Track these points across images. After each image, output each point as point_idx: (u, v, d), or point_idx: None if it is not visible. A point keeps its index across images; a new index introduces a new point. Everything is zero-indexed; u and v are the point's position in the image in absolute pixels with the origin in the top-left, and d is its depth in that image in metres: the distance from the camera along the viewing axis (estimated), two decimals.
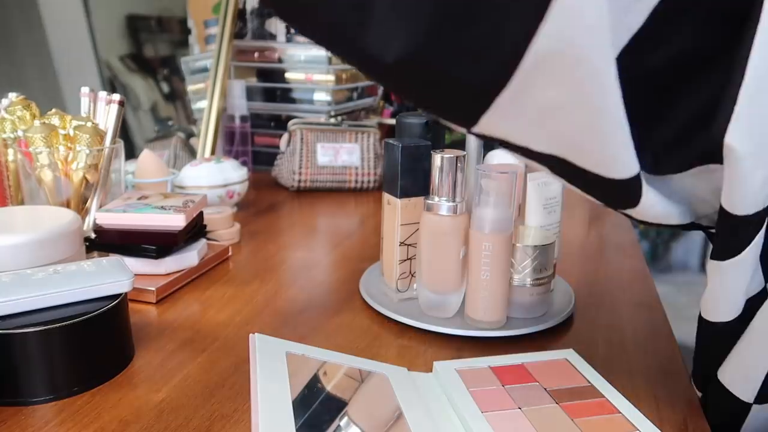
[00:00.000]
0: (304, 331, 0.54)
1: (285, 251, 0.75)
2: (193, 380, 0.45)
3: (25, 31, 0.89)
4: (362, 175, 1.05)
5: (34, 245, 0.49)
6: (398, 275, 0.57)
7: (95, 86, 0.99)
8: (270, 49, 1.20)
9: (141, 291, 0.58)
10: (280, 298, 0.61)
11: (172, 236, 0.61)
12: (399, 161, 0.54)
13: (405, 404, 0.39)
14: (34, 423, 0.40)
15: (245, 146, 1.12)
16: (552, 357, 0.48)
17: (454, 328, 0.52)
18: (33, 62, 0.91)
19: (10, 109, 0.67)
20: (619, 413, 0.40)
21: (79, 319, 0.42)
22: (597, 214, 0.96)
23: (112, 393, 0.43)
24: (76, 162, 0.64)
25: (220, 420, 0.40)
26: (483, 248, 0.50)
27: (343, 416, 0.36)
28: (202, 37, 1.22)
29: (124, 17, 1.11)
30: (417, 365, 0.48)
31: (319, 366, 0.41)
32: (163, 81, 1.20)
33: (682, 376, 0.47)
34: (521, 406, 0.40)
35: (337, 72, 1.19)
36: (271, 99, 1.21)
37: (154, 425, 0.40)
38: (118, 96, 0.68)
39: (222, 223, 0.75)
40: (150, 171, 0.80)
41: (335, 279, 0.67)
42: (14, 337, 0.41)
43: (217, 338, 0.52)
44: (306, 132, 1.05)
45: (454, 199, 0.51)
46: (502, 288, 0.51)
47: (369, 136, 1.07)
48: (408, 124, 0.57)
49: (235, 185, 0.86)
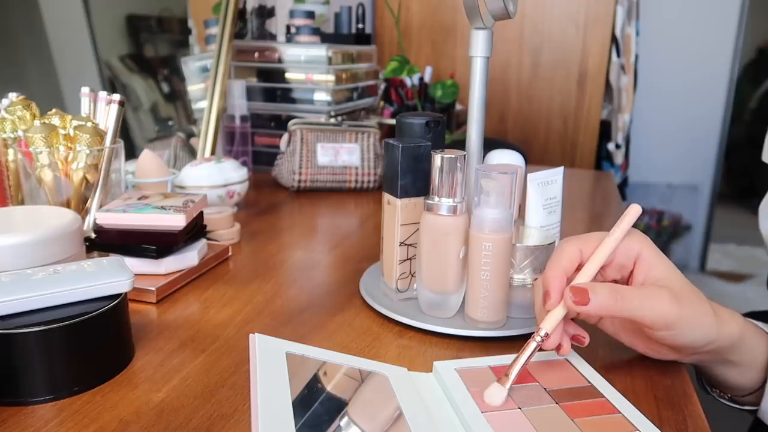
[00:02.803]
0: (304, 331, 0.54)
1: (285, 251, 0.75)
2: (193, 380, 0.45)
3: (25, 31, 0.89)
4: (362, 175, 1.05)
5: (35, 245, 0.49)
6: (398, 275, 0.57)
7: (95, 86, 0.99)
8: (270, 49, 1.20)
9: (141, 291, 0.58)
10: (280, 298, 0.61)
11: (172, 236, 0.61)
12: (399, 161, 0.54)
13: (405, 404, 0.39)
14: (34, 423, 0.40)
15: (245, 146, 1.12)
16: (552, 357, 0.48)
17: (454, 328, 0.52)
18: (33, 62, 0.91)
19: (10, 109, 0.67)
20: (619, 413, 0.40)
21: (79, 319, 0.42)
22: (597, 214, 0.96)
23: (112, 393, 0.43)
24: (77, 162, 0.64)
25: (220, 420, 0.40)
26: (483, 248, 0.50)
27: (343, 416, 0.36)
28: (202, 37, 1.22)
29: (124, 17, 1.11)
30: (417, 365, 0.48)
31: (319, 366, 0.41)
32: (163, 81, 1.20)
33: (682, 376, 0.47)
34: (521, 406, 0.40)
35: (337, 72, 1.19)
36: (271, 99, 1.21)
37: (154, 425, 0.40)
38: (119, 96, 0.68)
39: (222, 223, 0.75)
40: (150, 171, 0.80)
41: (335, 279, 0.67)
42: (14, 337, 0.41)
43: (217, 338, 0.52)
44: (306, 132, 1.05)
45: (454, 199, 0.51)
46: (502, 288, 0.51)
47: (369, 136, 1.07)
48: (408, 124, 0.57)
49: (235, 185, 0.86)
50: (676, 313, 0.41)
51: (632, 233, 0.45)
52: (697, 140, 2.56)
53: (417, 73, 1.50)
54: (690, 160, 2.58)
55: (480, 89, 0.56)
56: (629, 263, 0.45)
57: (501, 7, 0.52)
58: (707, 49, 2.47)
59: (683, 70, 2.48)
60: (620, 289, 0.42)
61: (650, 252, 0.44)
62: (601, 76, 1.99)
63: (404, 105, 1.52)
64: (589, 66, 1.99)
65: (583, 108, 2.03)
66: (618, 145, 2.07)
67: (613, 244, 0.44)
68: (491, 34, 0.55)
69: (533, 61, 2.04)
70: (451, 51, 2.11)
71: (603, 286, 0.42)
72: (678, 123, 2.53)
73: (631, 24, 2.03)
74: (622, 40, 1.97)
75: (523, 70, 2.06)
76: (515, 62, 2.06)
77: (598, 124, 2.03)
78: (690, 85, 2.50)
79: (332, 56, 1.19)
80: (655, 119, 2.52)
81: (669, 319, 0.41)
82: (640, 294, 0.42)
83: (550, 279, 0.44)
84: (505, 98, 2.09)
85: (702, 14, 2.44)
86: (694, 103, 2.51)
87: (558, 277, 0.43)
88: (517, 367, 0.41)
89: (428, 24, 2.11)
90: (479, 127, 0.57)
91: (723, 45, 2.47)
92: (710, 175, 2.59)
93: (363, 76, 1.32)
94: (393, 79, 1.52)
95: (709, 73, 2.49)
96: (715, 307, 0.44)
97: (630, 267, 0.45)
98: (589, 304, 0.41)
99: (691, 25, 2.45)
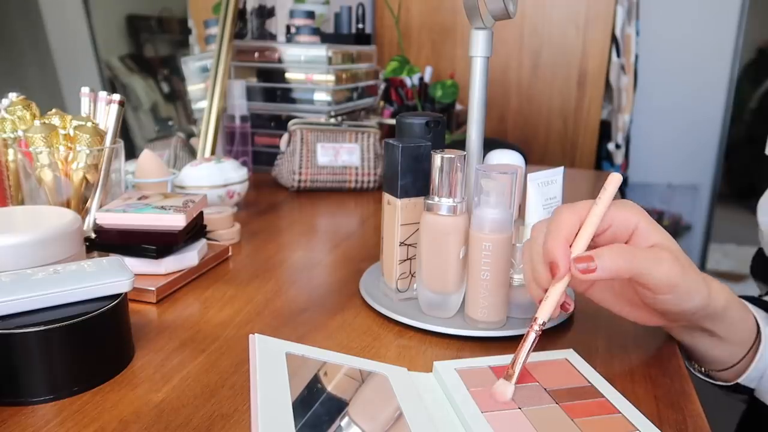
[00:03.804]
0: (304, 331, 0.54)
1: (285, 251, 0.75)
2: (193, 380, 0.45)
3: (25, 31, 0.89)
4: (362, 175, 1.05)
5: (35, 245, 0.49)
6: (398, 275, 0.57)
7: (95, 86, 0.99)
8: (270, 49, 1.20)
9: (141, 291, 0.58)
10: (280, 298, 0.61)
11: (172, 236, 0.61)
12: (399, 161, 0.54)
13: (405, 404, 0.39)
14: (34, 423, 0.40)
15: (245, 146, 1.12)
16: (552, 357, 0.48)
17: (454, 328, 0.52)
18: (33, 62, 0.91)
19: (10, 109, 0.67)
20: (619, 413, 0.40)
21: (79, 319, 0.42)
22: None
23: (112, 393, 0.43)
24: (77, 162, 0.64)
25: (220, 420, 0.40)
26: (483, 248, 0.50)
27: (343, 416, 0.36)
28: (202, 37, 1.22)
29: (124, 17, 1.11)
30: (417, 365, 0.48)
31: (319, 366, 0.41)
32: (163, 81, 1.20)
33: (682, 376, 0.47)
34: (521, 406, 0.40)
35: (337, 72, 1.19)
36: (271, 99, 1.21)
37: (154, 425, 0.40)
38: (119, 96, 0.68)
39: (222, 223, 0.75)
40: (150, 171, 0.80)
41: (335, 279, 0.67)
42: (14, 337, 0.41)
43: (217, 338, 0.52)
44: (306, 132, 1.05)
45: (454, 199, 0.51)
46: (502, 288, 0.51)
47: (369, 136, 1.07)
48: (408, 124, 0.57)
49: (235, 185, 0.86)
50: (680, 275, 0.41)
51: (627, 204, 0.45)
52: (697, 140, 2.56)
53: (417, 73, 1.50)
54: (690, 160, 2.57)
55: (480, 89, 0.56)
56: (625, 234, 0.44)
57: (501, 8, 0.52)
58: (707, 49, 2.46)
59: (683, 70, 2.48)
60: (628, 248, 0.42)
61: (646, 223, 0.44)
62: (601, 76, 1.99)
63: (404, 105, 1.52)
64: (589, 66, 1.99)
65: (583, 108, 2.03)
66: (618, 145, 2.07)
67: (600, 213, 0.43)
68: (491, 34, 0.55)
69: (533, 61, 2.04)
70: (451, 51, 2.11)
71: (607, 249, 0.41)
72: (678, 123, 2.53)
73: (631, 24, 2.03)
74: (622, 40, 1.97)
75: (523, 70, 2.06)
76: (515, 62, 2.06)
77: (598, 124, 2.03)
78: (690, 85, 2.50)
79: (332, 56, 1.19)
80: (655, 119, 2.52)
81: (674, 280, 0.41)
82: (647, 253, 0.42)
83: (553, 250, 0.42)
84: (505, 98, 2.09)
85: (702, 14, 2.44)
86: (694, 104, 2.51)
87: (562, 246, 0.42)
88: (520, 361, 0.42)
89: (428, 24, 2.11)
90: (479, 127, 0.57)
91: (723, 45, 2.46)
92: (710, 175, 2.59)
93: (363, 76, 1.32)
94: (393, 79, 1.52)
95: (709, 73, 2.49)
96: (705, 277, 0.45)
97: (625, 238, 0.44)
98: (597, 269, 0.41)
99: (691, 25, 2.45)
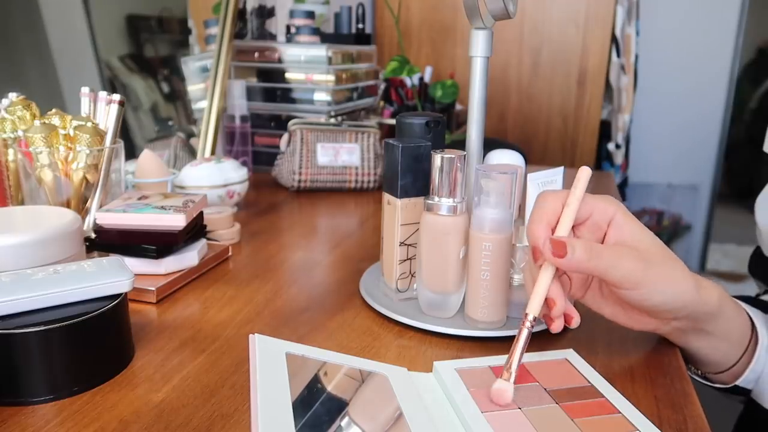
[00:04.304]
0: (304, 331, 0.54)
1: (285, 251, 0.75)
2: (193, 380, 0.45)
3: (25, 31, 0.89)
4: (362, 175, 1.05)
5: (35, 245, 0.49)
6: (398, 275, 0.57)
7: (95, 86, 0.99)
8: (270, 49, 1.20)
9: (141, 291, 0.58)
10: (280, 298, 0.61)
11: (172, 236, 0.61)
12: (399, 161, 0.54)
13: (405, 404, 0.39)
14: (34, 423, 0.40)
15: (245, 146, 1.12)
16: (552, 357, 0.48)
17: (454, 328, 0.52)
18: (33, 62, 0.91)
19: (10, 109, 0.67)
20: (619, 413, 0.40)
21: (79, 319, 0.43)
22: None
23: (112, 393, 0.43)
24: (77, 162, 0.64)
25: (220, 420, 0.40)
26: (483, 248, 0.50)
27: (343, 416, 0.36)
28: (202, 37, 1.22)
29: (124, 17, 1.11)
30: (417, 365, 0.48)
31: (319, 366, 0.41)
32: (163, 81, 1.20)
33: (682, 376, 0.47)
34: (521, 406, 0.40)
35: (337, 72, 1.19)
36: (271, 99, 1.21)
37: (154, 425, 0.40)
38: (119, 96, 0.68)
39: (222, 223, 0.75)
40: (150, 171, 0.80)
41: (335, 279, 0.67)
42: (14, 337, 0.41)
43: (217, 338, 0.52)
44: (306, 132, 1.05)
45: (454, 199, 0.51)
46: (502, 288, 0.51)
47: (369, 136, 1.07)
48: (408, 124, 0.57)
49: (235, 185, 0.86)
50: (641, 271, 0.42)
51: (607, 197, 0.46)
52: (697, 140, 2.56)
53: (417, 73, 1.50)
54: (690, 160, 2.57)
55: (480, 89, 0.56)
56: (604, 225, 0.45)
57: (501, 7, 0.52)
58: (707, 49, 2.46)
59: (683, 70, 2.48)
60: (593, 245, 0.43)
61: (622, 215, 0.45)
62: (601, 76, 1.99)
63: (404, 105, 1.52)
64: (589, 66, 1.99)
65: (583, 108, 2.03)
66: (618, 145, 2.06)
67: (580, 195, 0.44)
68: (491, 34, 0.55)
69: (533, 60, 2.04)
70: (451, 51, 2.11)
71: (579, 242, 0.42)
72: (678, 123, 2.53)
73: (631, 24, 2.03)
74: (622, 40, 1.97)
75: (523, 69, 2.06)
76: (515, 62, 2.06)
77: (598, 124, 2.03)
78: (690, 85, 2.49)
79: (332, 56, 1.19)
80: (655, 119, 2.52)
81: (634, 277, 0.42)
82: (608, 251, 0.43)
83: (534, 233, 0.44)
84: (505, 98, 2.09)
85: (702, 14, 2.44)
86: (694, 103, 2.51)
87: (544, 230, 0.44)
88: (515, 359, 0.42)
89: (428, 24, 2.11)
90: (479, 127, 0.57)
91: (723, 45, 2.46)
92: (710, 175, 2.59)
93: (363, 76, 1.32)
94: (393, 79, 1.52)
95: (709, 73, 2.49)
96: (696, 276, 0.45)
97: (604, 229, 0.45)
98: (566, 257, 0.41)
99: (691, 25, 2.45)
